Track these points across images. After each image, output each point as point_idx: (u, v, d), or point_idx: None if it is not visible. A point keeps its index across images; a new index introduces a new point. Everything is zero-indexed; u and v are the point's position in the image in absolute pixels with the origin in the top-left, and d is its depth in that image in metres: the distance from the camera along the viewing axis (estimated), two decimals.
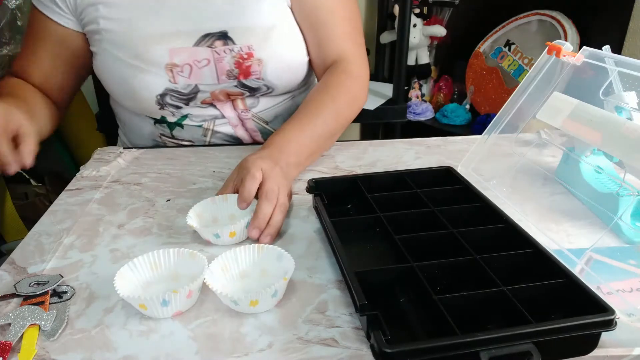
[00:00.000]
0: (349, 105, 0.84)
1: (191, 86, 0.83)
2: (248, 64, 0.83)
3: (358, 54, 0.89)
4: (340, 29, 0.87)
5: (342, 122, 0.83)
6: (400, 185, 0.68)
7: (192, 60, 0.81)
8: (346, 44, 0.88)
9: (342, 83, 0.84)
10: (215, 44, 0.81)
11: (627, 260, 0.55)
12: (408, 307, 0.49)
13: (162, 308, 0.48)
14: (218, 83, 0.84)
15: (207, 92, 0.85)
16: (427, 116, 1.87)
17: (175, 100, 0.84)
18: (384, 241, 0.58)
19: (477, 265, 0.50)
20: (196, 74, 0.82)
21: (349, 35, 0.88)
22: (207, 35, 0.81)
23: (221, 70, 0.83)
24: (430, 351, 0.40)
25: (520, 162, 0.75)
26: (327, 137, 0.81)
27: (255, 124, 0.91)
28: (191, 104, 0.86)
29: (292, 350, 0.45)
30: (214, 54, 0.81)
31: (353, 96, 0.85)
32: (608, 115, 0.59)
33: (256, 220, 0.61)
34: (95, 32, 0.82)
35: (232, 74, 0.83)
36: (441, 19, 1.86)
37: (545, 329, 0.41)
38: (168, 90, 0.82)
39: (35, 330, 0.48)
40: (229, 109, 0.89)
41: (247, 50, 0.82)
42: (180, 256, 0.54)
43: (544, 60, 0.69)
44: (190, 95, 0.84)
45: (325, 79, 0.86)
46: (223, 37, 0.81)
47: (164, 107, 0.85)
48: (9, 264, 0.58)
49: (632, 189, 0.60)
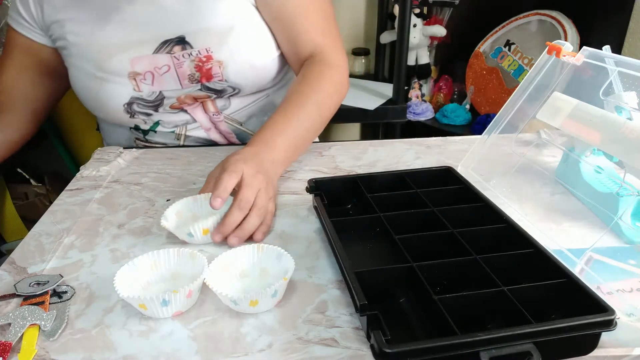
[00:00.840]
0: (331, 95, 0.83)
1: (155, 93, 0.84)
2: (208, 66, 0.82)
3: (333, 44, 0.87)
4: (311, 23, 0.85)
5: (325, 114, 0.82)
6: (400, 185, 0.68)
7: (153, 68, 0.82)
8: (319, 37, 0.86)
9: (322, 73, 0.82)
10: (174, 49, 0.81)
11: (627, 260, 0.55)
12: (408, 307, 0.49)
13: (162, 308, 0.48)
14: (182, 88, 0.84)
15: (173, 98, 0.85)
16: (427, 116, 1.87)
17: (143, 108, 0.85)
18: (384, 241, 0.58)
19: (477, 265, 0.50)
20: (159, 80, 0.83)
21: (321, 28, 0.86)
22: (165, 42, 0.81)
23: (182, 75, 0.83)
24: (430, 351, 0.40)
25: (520, 162, 0.75)
26: (312, 129, 0.79)
27: (228, 126, 0.91)
28: (160, 110, 0.86)
29: (292, 351, 0.45)
30: (173, 60, 0.81)
31: (335, 86, 0.84)
32: (608, 115, 0.59)
33: (222, 225, 0.60)
34: (63, 47, 0.83)
35: (194, 78, 0.83)
36: (441, 19, 1.86)
37: (545, 329, 0.41)
38: (134, 98, 0.83)
39: (35, 330, 0.48)
40: (200, 113, 0.88)
41: (205, 53, 0.81)
42: (180, 256, 0.54)
43: (544, 60, 0.69)
44: (157, 102, 0.85)
45: (303, 72, 0.84)
46: (181, 42, 0.81)
47: (134, 116, 0.86)
48: (9, 264, 0.58)
49: (632, 189, 0.60)
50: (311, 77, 0.82)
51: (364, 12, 1.94)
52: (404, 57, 1.54)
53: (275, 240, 0.62)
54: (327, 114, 0.83)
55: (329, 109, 0.83)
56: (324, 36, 0.86)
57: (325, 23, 0.87)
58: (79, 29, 0.81)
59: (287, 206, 0.70)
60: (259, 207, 0.62)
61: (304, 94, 0.80)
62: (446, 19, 1.86)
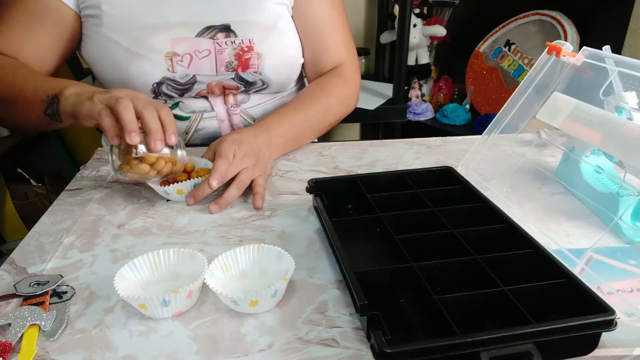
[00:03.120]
0: (340, 105, 0.91)
1: (189, 76, 0.84)
2: (247, 56, 0.85)
3: (352, 61, 0.96)
4: (336, 40, 0.93)
5: (330, 119, 0.90)
6: (400, 185, 0.68)
7: (193, 50, 0.83)
8: (342, 53, 0.94)
9: (337, 85, 0.91)
10: (217, 35, 0.83)
11: (627, 260, 0.55)
12: (408, 307, 0.49)
13: (162, 308, 0.48)
14: (216, 74, 0.85)
15: (204, 84, 0.86)
16: (427, 116, 1.87)
17: (171, 90, 0.85)
18: (384, 241, 0.58)
19: (477, 265, 0.50)
20: (196, 64, 0.83)
21: (345, 45, 0.95)
22: (209, 27, 0.83)
23: (220, 62, 0.84)
24: (430, 351, 0.40)
25: (520, 162, 0.75)
26: (313, 128, 0.87)
27: (242, 121, 0.92)
28: (185, 95, 0.87)
29: (292, 351, 0.45)
30: (215, 45, 0.83)
31: (345, 98, 0.92)
32: (608, 115, 0.59)
33: (196, 190, 0.69)
34: (94, 16, 0.81)
35: (231, 66, 0.85)
36: (441, 19, 1.86)
37: (546, 329, 0.41)
38: (165, 79, 0.83)
39: (35, 330, 0.48)
40: (220, 103, 0.90)
41: (247, 44, 0.84)
42: (180, 256, 0.54)
43: (544, 60, 0.69)
44: (187, 85, 0.85)
45: (321, 79, 0.92)
46: (225, 29, 0.83)
47: (158, 97, 0.85)
48: (9, 264, 0.58)
49: (632, 189, 0.60)
50: (326, 85, 0.90)
51: (364, 12, 1.94)
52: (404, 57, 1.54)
53: (275, 240, 0.62)
54: (331, 120, 0.90)
55: (333, 115, 0.91)
56: (345, 53, 0.95)
57: (348, 41, 0.96)
58: (118, 1, 0.80)
59: (287, 206, 0.70)
60: (239, 181, 0.70)
61: (315, 96, 0.89)
62: (446, 19, 1.86)
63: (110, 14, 0.80)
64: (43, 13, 0.81)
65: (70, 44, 0.85)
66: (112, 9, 0.80)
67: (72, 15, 0.82)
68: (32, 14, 0.81)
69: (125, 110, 0.60)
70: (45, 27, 0.81)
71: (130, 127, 0.60)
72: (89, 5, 0.81)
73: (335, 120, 0.91)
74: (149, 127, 0.61)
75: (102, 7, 0.80)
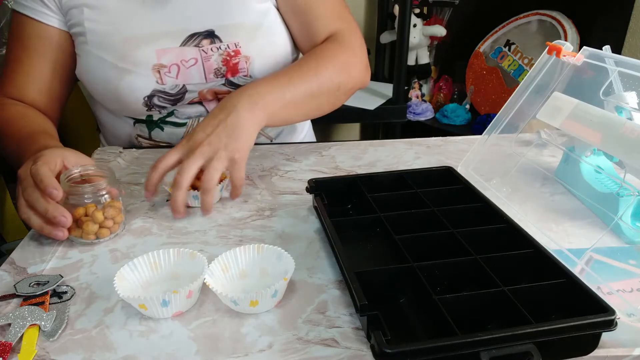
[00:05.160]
0: (338, 70, 0.80)
1: (179, 86, 0.83)
2: (235, 61, 0.83)
3: (347, 27, 0.87)
4: (327, 7, 0.86)
5: (326, 84, 0.79)
6: (400, 185, 0.68)
7: (180, 60, 0.81)
8: (334, 22, 0.86)
9: (330, 49, 0.82)
10: (202, 42, 0.81)
11: (627, 260, 0.55)
12: (408, 307, 0.49)
13: (162, 308, 0.48)
14: (206, 82, 0.84)
15: (195, 92, 0.85)
16: (427, 116, 1.87)
17: (162, 102, 0.84)
18: (384, 241, 0.58)
19: (477, 265, 0.50)
20: (184, 73, 0.82)
21: (336, 13, 0.87)
22: (193, 34, 0.81)
23: (209, 69, 0.83)
24: (431, 351, 0.40)
25: (520, 162, 0.75)
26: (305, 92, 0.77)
27: None
28: (178, 105, 0.86)
29: (292, 351, 0.45)
30: (201, 53, 0.81)
31: (342, 62, 0.82)
32: (608, 115, 0.59)
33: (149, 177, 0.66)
34: (79, 34, 0.81)
35: (220, 72, 0.83)
36: (441, 19, 1.86)
37: (546, 329, 0.41)
38: (155, 91, 0.82)
39: (35, 330, 0.48)
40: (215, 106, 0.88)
41: (234, 48, 0.82)
42: (180, 256, 0.54)
43: (544, 60, 0.69)
44: (178, 95, 0.84)
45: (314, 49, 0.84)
46: (210, 35, 0.81)
47: (151, 109, 0.85)
48: (9, 264, 0.58)
49: (632, 189, 0.60)
50: (317, 49, 0.82)
51: (364, 12, 1.94)
52: (404, 57, 1.54)
53: (275, 240, 0.62)
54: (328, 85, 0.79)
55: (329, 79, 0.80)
56: (338, 22, 0.86)
57: (339, 9, 0.88)
58: (99, 17, 0.79)
59: (287, 206, 0.70)
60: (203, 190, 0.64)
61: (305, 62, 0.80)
62: (446, 19, 1.86)
63: (93, 31, 0.79)
64: (37, 44, 0.82)
65: (72, 65, 0.85)
66: (95, 25, 0.79)
67: (63, 36, 0.82)
68: (31, 49, 0.82)
69: None
70: (44, 57, 0.82)
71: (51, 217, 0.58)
72: (74, 23, 0.81)
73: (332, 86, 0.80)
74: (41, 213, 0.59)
75: (84, 24, 0.79)
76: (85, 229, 0.60)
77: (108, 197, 0.62)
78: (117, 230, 0.63)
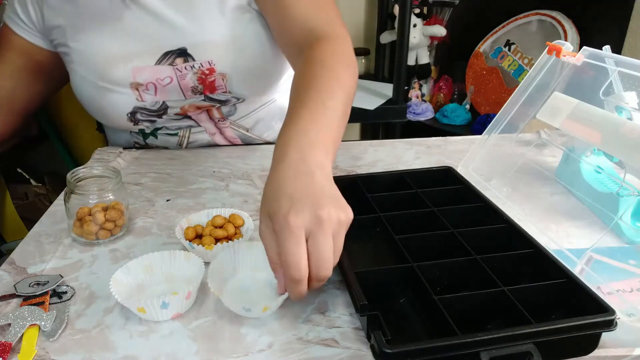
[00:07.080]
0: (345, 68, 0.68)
1: (159, 103, 0.83)
2: (211, 79, 0.80)
3: (329, 18, 0.76)
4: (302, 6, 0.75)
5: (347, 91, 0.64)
6: (400, 185, 0.68)
7: (155, 79, 0.80)
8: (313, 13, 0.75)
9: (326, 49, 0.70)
10: (175, 61, 0.79)
11: (627, 260, 0.55)
12: (408, 307, 0.49)
13: (162, 311, 0.48)
14: (185, 99, 0.83)
15: (177, 108, 0.84)
16: (427, 116, 1.87)
17: (146, 117, 0.84)
18: (384, 241, 0.58)
19: (477, 265, 0.50)
20: (161, 91, 0.81)
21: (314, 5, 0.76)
22: (167, 53, 0.79)
23: (185, 87, 0.81)
24: (431, 351, 0.40)
25: (520, 162, 0.75)
26: (341, 114, 0.60)
27: (234, 132, 0.90)
28: (164, 117, 0.85)
29: (292, 351, 0.45)
30: (176, 72, 0.80)
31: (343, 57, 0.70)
32: (608, 115, 0.59)
33: None
34: (65, 53, 0.82)
35: (197, 90, 0.82)
36: (441, 19, 1.86)
37: (546, 329, 0.41)
38: (137, 108, 0.82)
39: (35, 330, 0.48)
40: (205, 119, 0.87)
41: (208, 66, 0.79)
42: (174, 258, 0.54)
43: (544, 60, 0.69)
44: (160, 111, 0.84)
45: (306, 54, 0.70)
46: (183, 54, 0.79)
47: (138, 123, 0.85)
48: (9, 264, 0.58)
49: (632, 189, 0.60)
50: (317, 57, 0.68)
51: (364, 12, 1.94)
52: (404, 57, 1.54)
53: None
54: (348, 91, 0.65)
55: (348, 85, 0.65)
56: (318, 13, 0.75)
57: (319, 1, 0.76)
58: (79, 37, 0.80)
59: None
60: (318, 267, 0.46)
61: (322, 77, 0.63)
62: (446, 19, 1.86)
63: (77, 50, 0.80)
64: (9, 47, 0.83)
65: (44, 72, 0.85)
66: (79, 45, 0.80)
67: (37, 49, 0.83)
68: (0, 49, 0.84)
69: None
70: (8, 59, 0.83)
71: None
72: (59, 43, 0.82)
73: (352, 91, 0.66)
74: None
75: (69, 44, 0.80)
76: (86, 229, 0.60)
77: (112, 198, 0.62)
78: (118, 233, 0.63)
